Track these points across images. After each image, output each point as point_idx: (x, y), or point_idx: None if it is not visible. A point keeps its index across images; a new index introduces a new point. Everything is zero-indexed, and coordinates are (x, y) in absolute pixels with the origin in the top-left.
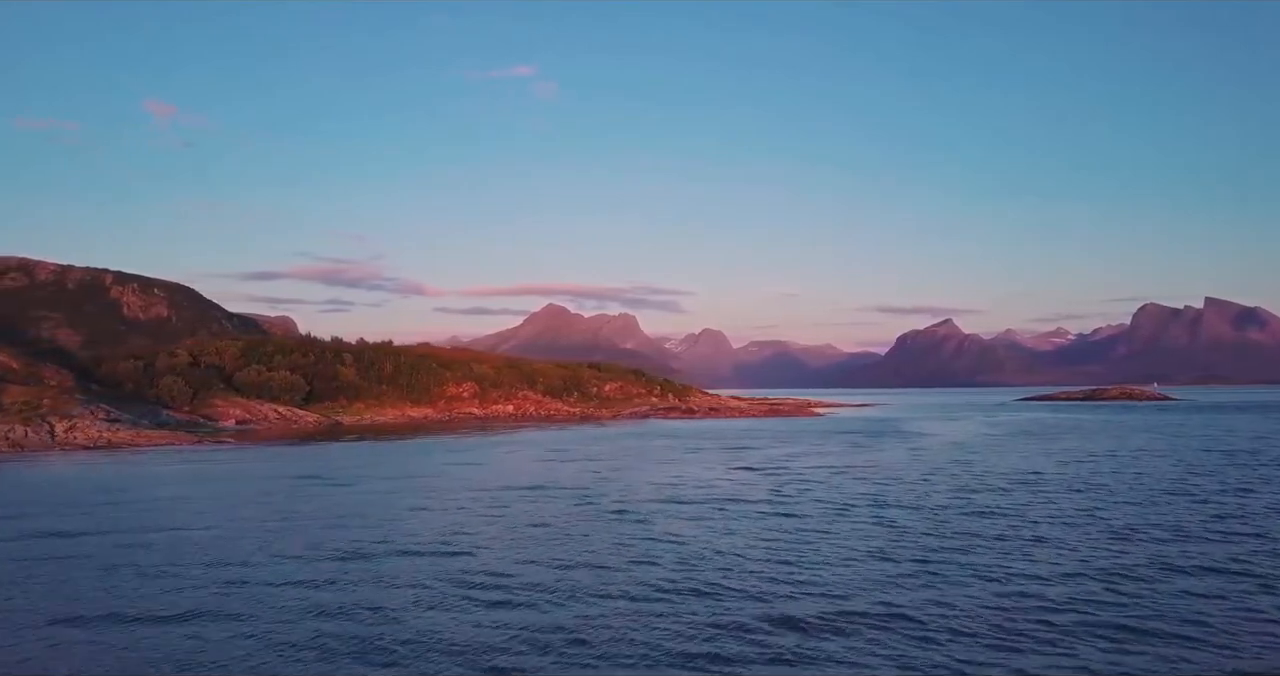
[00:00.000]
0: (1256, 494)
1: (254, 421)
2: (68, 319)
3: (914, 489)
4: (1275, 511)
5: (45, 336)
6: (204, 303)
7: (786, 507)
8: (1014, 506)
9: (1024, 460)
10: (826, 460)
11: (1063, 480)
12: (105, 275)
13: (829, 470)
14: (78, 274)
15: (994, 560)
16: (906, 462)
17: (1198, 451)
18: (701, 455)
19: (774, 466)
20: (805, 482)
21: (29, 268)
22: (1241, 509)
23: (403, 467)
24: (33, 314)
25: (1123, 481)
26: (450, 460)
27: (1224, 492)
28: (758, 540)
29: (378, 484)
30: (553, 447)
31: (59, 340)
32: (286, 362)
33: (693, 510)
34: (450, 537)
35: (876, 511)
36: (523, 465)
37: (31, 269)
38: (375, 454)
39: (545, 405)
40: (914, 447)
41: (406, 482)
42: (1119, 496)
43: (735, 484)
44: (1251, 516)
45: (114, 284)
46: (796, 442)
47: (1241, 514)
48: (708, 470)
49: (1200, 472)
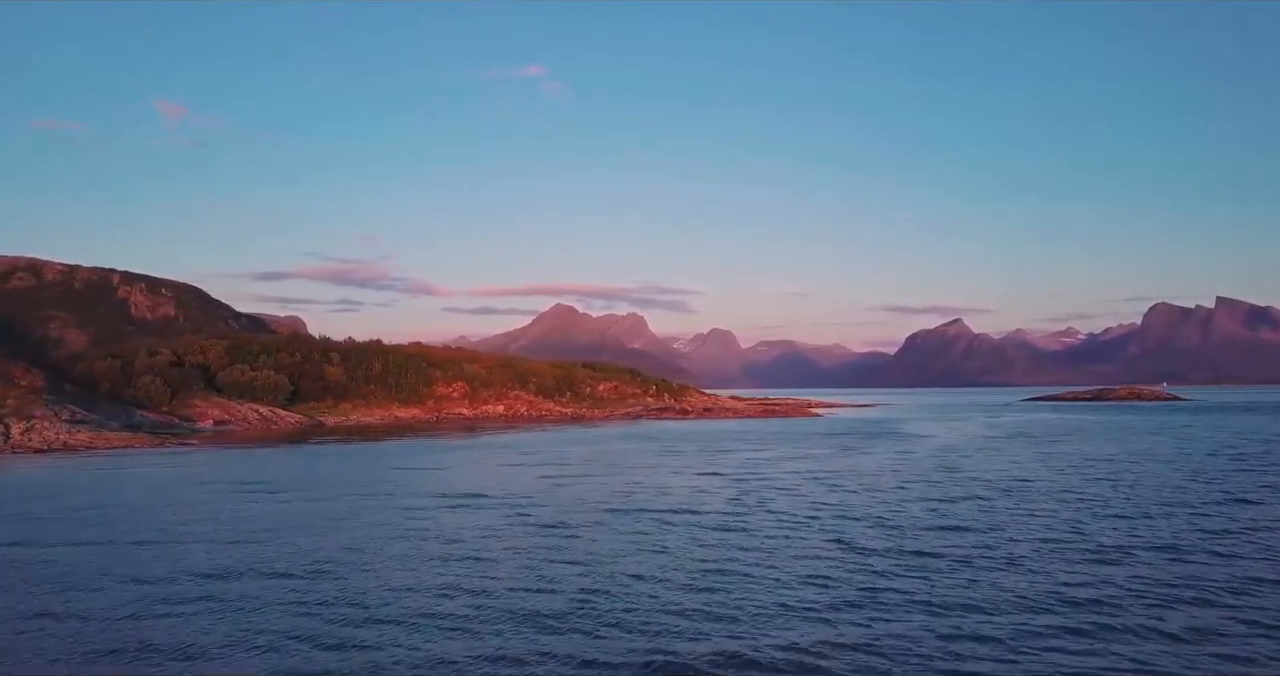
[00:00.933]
0: (1264, 505)
1: (232, 422)
2: (75, 319)
3: (886, 499)
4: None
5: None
6: (211, 302)
7: (738, 521)
8: (991, 521)
9: (1015, 466)
10: (804, 465)
11: (1052, 489)
12: (113, 275)
13: (803, 476)
14: (85, 274)
15: (951, 590)
16: (888, 468)
17: (1203, 455)
18: (675, 459)
19: (745, 472)
20: (770, 491)
21: (36, 267)
22: (1245, 523)
23: (351, 474)
24: (40, 314)
25: (1118, 490)
26: (408, 465)
27: (1227, 503)
28: (688, 561)
29: (310, 492)
30: (526, 450)
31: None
32: (272, 362)
33: (633, 523)
34: (333, 556)
35: (836, 526)
36: (479, 471)
37: (39, 269)
38: (338, 457)
39: (537, 405)
40: (902, 451)
41: (341, 490)
42: (1111, 508)
43: (694, 492)
44: (1256, 532)
45: (121, 284)
46: (781, 445)
47: (1245, 529)
48: (673, 476)
49: (1204, 479)
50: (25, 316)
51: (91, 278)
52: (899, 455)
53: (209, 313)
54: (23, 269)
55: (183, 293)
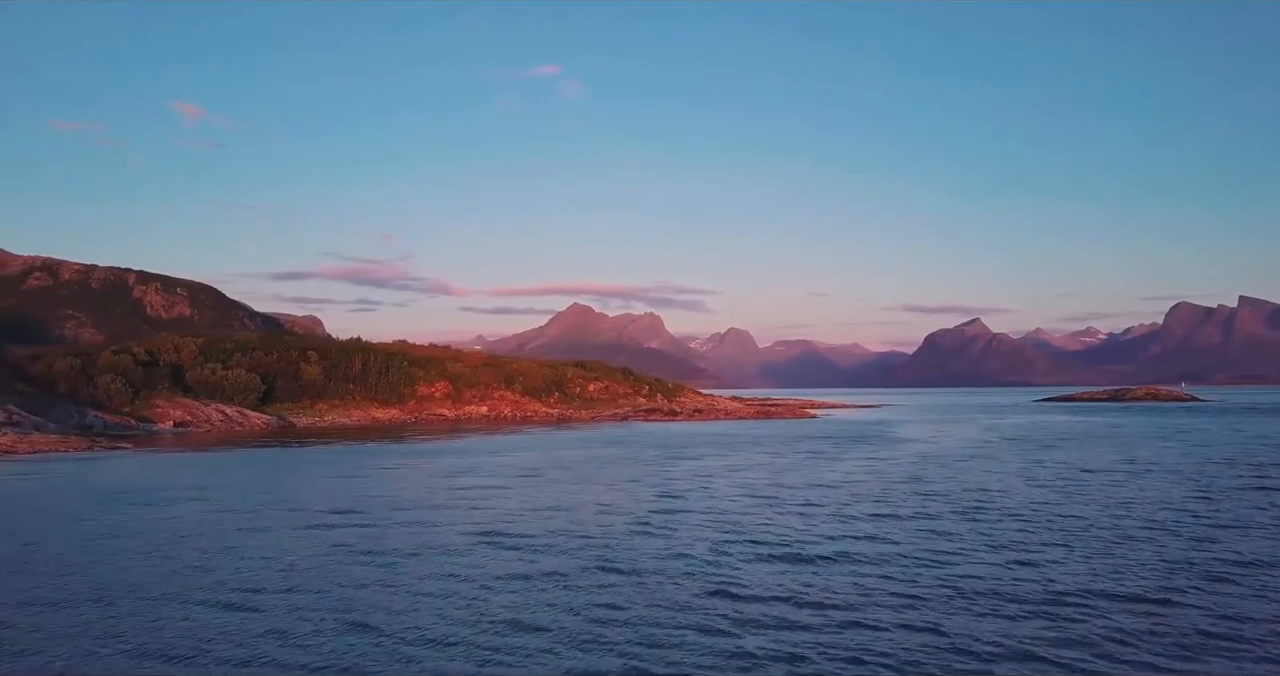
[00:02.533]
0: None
1: (194, 423)
2: (91, 318)
3: (826, 519)
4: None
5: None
6: (226, 301)
7: (621, 553)
8: (934, 554)
9: (992, 477)
10: (761, 474)
11: (1022, 508)
12: (128, 274)
13: (744, 490)
14: (101, 274)
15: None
16: (852, 479)
17: (1214, 466)
18: (619, 469)
19: (684, 486)
20: (698, 511)
21: (53, 267)
22: (1253, 562)
23: (261, 482)
24: (57, 313)
25: (1103, 512)
26: (337, 473)
27: (1234, 531)
28: (518, 606)
29: (193, 505)
30: (472, 456)
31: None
32: (246, 361)
33: (506, 553)
34: (115, 579)
35: (740, 556)
36: (405, 481)
37: (56, 268)
38: (275, 463)
39: (523, 406)
40: (878, 458)
41: (235, 501)
42: (1086, 537)
43: (608, 511)
44: (1267, 574)
45: (137, 283)
46: (752, 451)
47: (1252, 571)
48: (607, 490)
49: (1210, 498)
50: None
51: (107, 277)
52: (870, 463)
53: (224, 312)
54: (39, 268)
55: (198, 292)
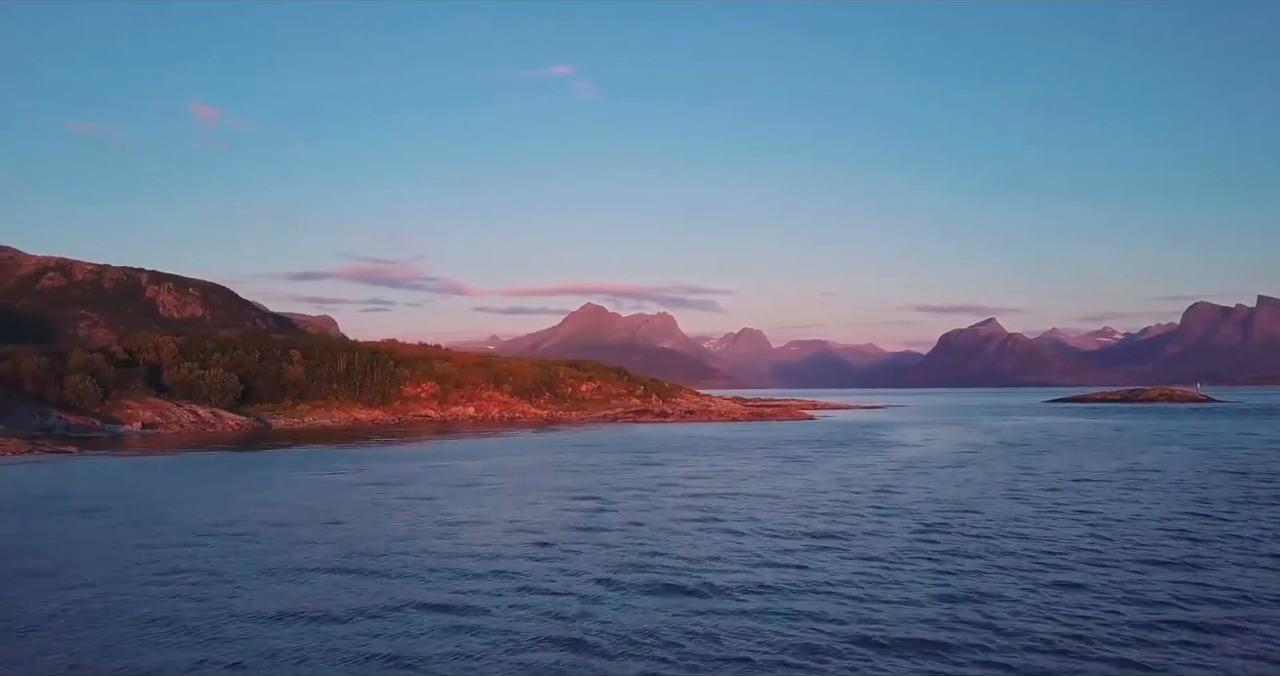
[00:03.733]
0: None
1: (163, 424)
2: (104, 318)
3: (759, 541)
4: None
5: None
6: (238, 301)
7: (478, 586)
8: (862, 589)
9: (973, 489)
10: (717, 484)
11: (994, 527)
12: (141, 275)
13: (690, 504)
14: (114, 274)
15: None
16: (815, 489)
17: (1222, 474)
18: (579, 476)
19: (630, 499)
20: (615, 530)
21: (67, 267)
22: (1256, 597)
23: (183, 491)
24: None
25: (1086, 532)
26: (268, 480)
27: (1236, 559)
28: (248, 650)
29: (61, 518)
30: (430, 460)
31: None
32: (226, 360)
33: (341, 579)
34: None
35: (624, 588)
36: (324, 491)
37: (69, 268)
38: (219, 467)
39: (511, 406)
40: (859, 465)
41: (118, 514)
42: (1057, 566)
43: (514, 530)
44: (1269, 623)
45: (149, 283)
46: (729, 454)
47: (1254, 620)
48: (534, 504)
49: (1212, 516)
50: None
51: (120, 277)
52: (845, 470)
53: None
54: (53, 268)
55: (210, 292)
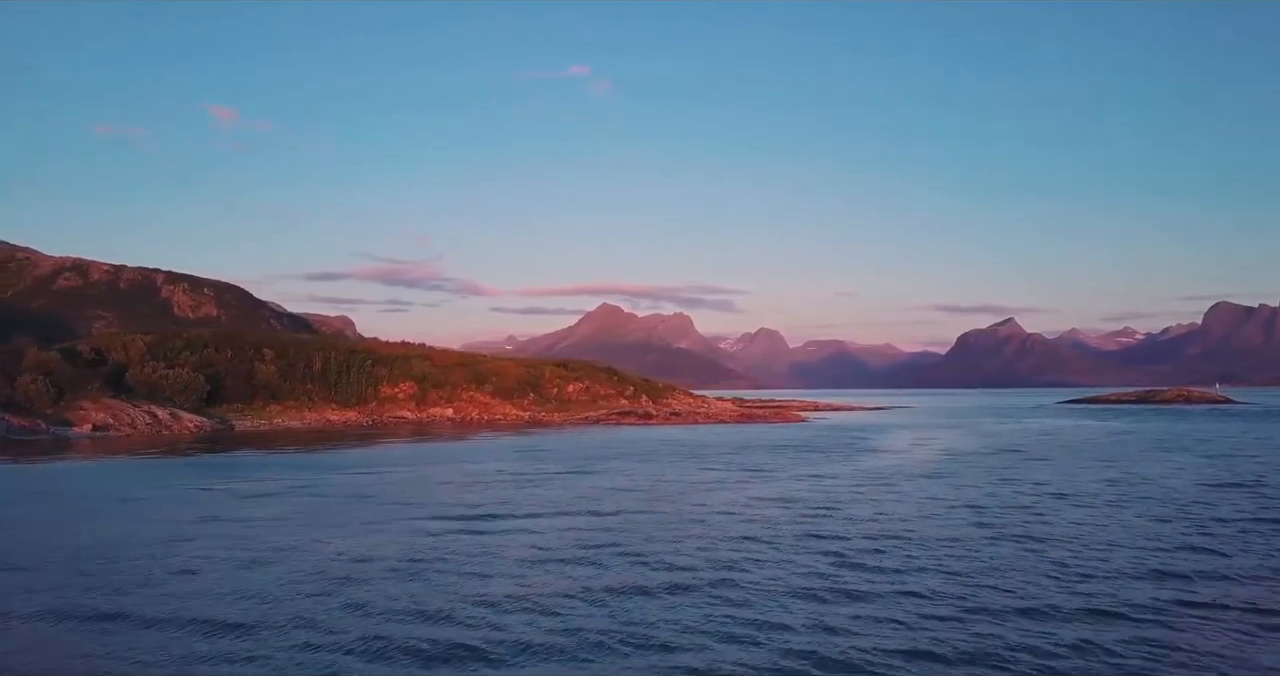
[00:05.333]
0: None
1: (115, 426)
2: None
3: (623, 574)
4: None
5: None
6: (253, 301)
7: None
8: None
9: (933, 506)
10: (629, 502)
11: (931, 558)
12: (156, 275)
13: (587, 527)
14: (130, 274)
15: None
16: (752, 507)
17: (1227, 489)
18: (491, 491)
19: (520, 518)
20: (461, 556)
21: (83, 268)
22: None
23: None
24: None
25: (1042, 567)
26: (137, 493)
27: (1221, 619)
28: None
29: None
30: (355, 471)
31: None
32: (194, 360)
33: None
34: None
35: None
36: (192, 507)
37: (85, 269)
38: (127, 474)
39: (492, 408)
40: (822, 474)
41: None
42: (986, 619)
43: (342, 559)
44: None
45: (165, 283)
46: (690, 462)
47: None
48: (391, 527)
49: (1209, 540)
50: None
51: (136, 277)
52: (802, 482)
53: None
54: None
55: (224, 292)
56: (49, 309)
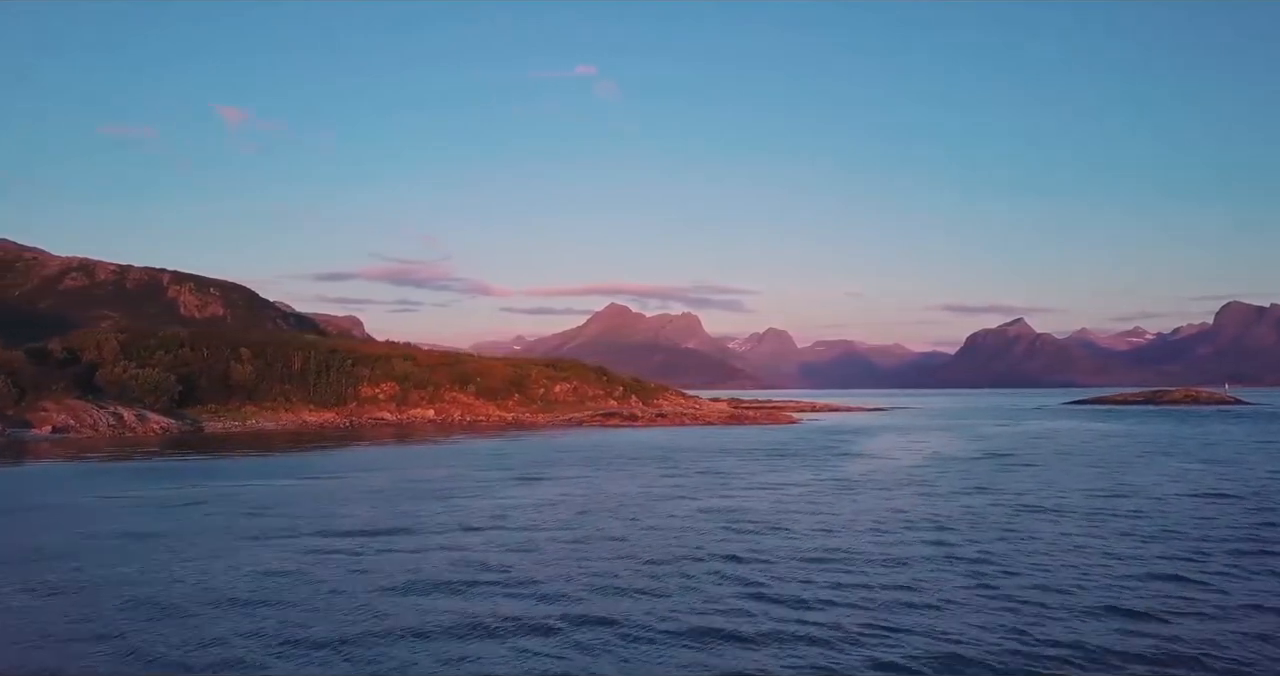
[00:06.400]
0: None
1: (76, 428)
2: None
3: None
4: None
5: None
6: (259, 301)
7: None
8: None
9: (891, 522)
10: (568, 514)
11: (859, 591)
12: (163, 275)
13: (481, 546)
14: (136, 274)
15: None
16: (689, 522)
17: (1226, 503)
18: (409, 504)
19: (412, 542)
20: (311, 581)
21: (89, 267)
22: None
23: None
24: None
25: (1002, 600)
26: (49, 501)
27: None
28: None
29: None
30: (289, 477)
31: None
32: (168, 359)
33: None
34: None
35: None
36: (78, 521)
37: (92, 269)
38: (43, 481)
39: (474, 409)
40: (779, 484)
41: None
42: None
43: (179, 585)
44: None
45: (171, 283)
46: (652, 467)
47: None
48: (284, 543)
49: (1187, 575)
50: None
51: (142, 277)
52: (758, 492)
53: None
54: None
55: (230, 292)
56: (55, 309)
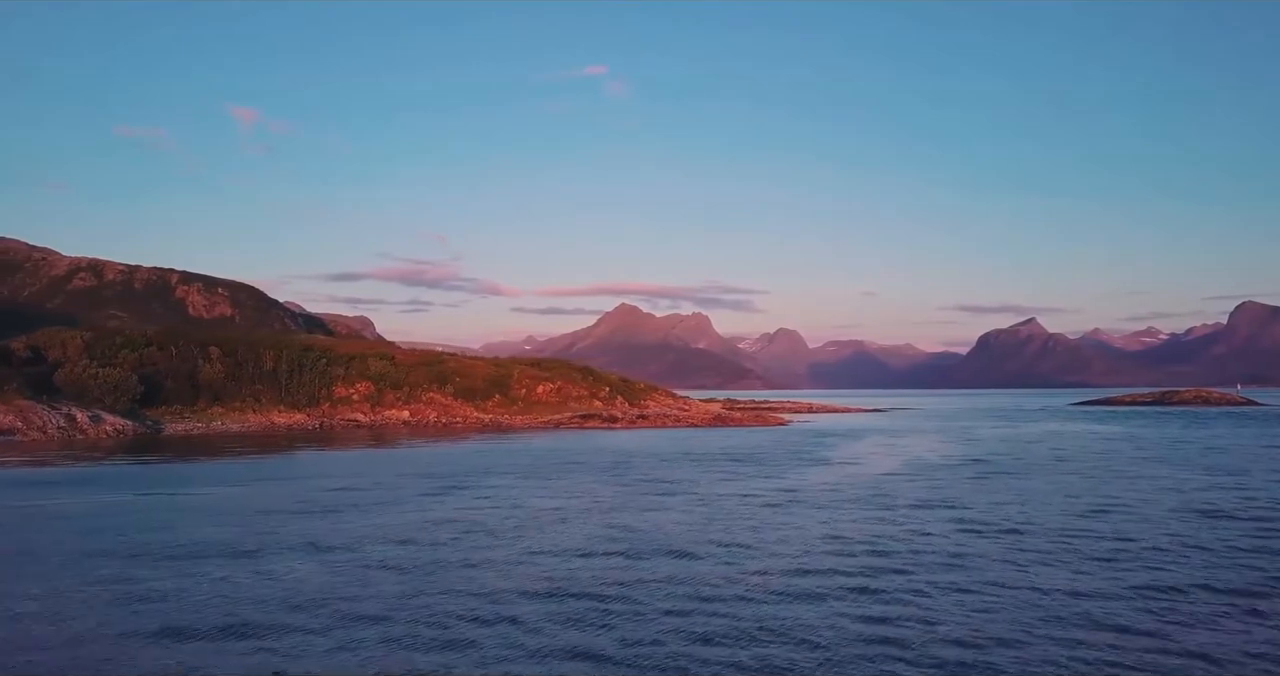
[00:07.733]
0: None
1: (23, 430)
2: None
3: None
4: None
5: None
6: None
7: None
8: None
9: (816, 549)
10: (434, 537)
11: (743, 640)
12: (171, 275)
13: (334, 565)
14: (144, 274)
15: None
16: (586, 546)
17: (1220, 526)
18: (287, 519)
19: (251, 565)
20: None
21: (98, 267)
22: None
23: None
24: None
25: (912, 657)
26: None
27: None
28: None
29: None
30: (221, 484)
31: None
32: (133, 358)
33: None
34: None
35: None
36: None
37: (100, 269)
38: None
39: (451, 410)
40: (722, 496)
41: None
42: None
43: None
44: None
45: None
46: (599, 475)
47: None
48: (116, 562)
49: (1169, 627)
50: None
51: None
52: (697, 505)
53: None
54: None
55: (238, 292)
56: (63, 309)
